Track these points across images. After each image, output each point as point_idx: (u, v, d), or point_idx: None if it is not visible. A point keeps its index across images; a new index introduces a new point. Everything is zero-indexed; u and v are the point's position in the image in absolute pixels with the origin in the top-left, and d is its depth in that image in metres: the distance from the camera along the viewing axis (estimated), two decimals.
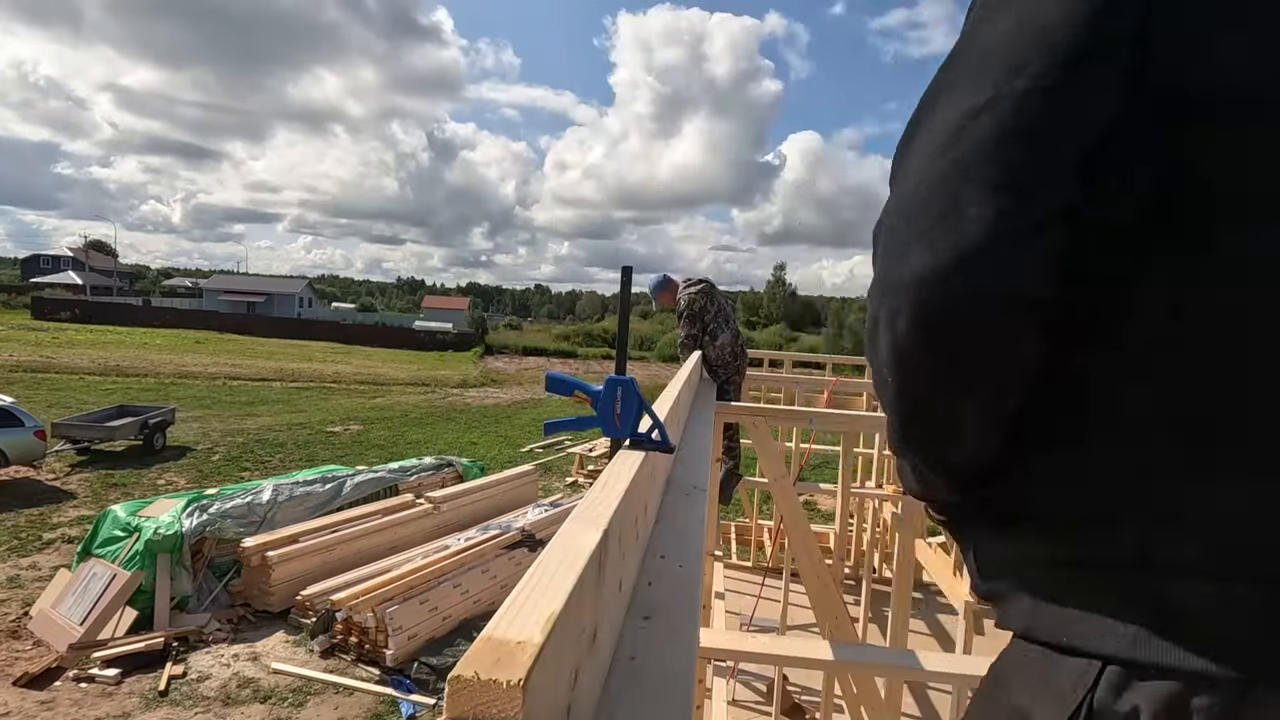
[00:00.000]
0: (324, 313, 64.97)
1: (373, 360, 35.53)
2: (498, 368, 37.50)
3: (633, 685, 0.82)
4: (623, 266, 1.43)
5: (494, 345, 47.48)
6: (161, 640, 6.72)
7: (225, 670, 6.59)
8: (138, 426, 13.72)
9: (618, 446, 1.38)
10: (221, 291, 63.63)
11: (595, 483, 1.03)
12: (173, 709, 6.00)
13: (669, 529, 1.41)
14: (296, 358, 33.35)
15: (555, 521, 9.14)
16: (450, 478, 11.40)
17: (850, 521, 7.91)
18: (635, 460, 1.18)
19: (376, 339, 45.83)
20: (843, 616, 3.29)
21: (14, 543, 9.13)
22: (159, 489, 11.56)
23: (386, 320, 63.15)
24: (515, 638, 0.50)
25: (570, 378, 1.52)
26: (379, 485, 10.18)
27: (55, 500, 10.93)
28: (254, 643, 7.12)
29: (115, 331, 38.00)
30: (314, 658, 6.90)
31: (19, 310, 44.53)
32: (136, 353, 29.70)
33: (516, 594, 0.58)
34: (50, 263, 71.70)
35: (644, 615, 1.01)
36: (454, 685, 0.45)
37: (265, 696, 6.24)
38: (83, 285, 59.33)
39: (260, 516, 8.50)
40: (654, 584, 1.12)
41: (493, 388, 28.98)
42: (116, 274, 69.39)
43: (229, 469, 13.31)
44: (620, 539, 0.90)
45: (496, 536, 8.74)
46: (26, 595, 7.73)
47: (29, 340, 30.81)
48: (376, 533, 8.77)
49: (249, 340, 39.71)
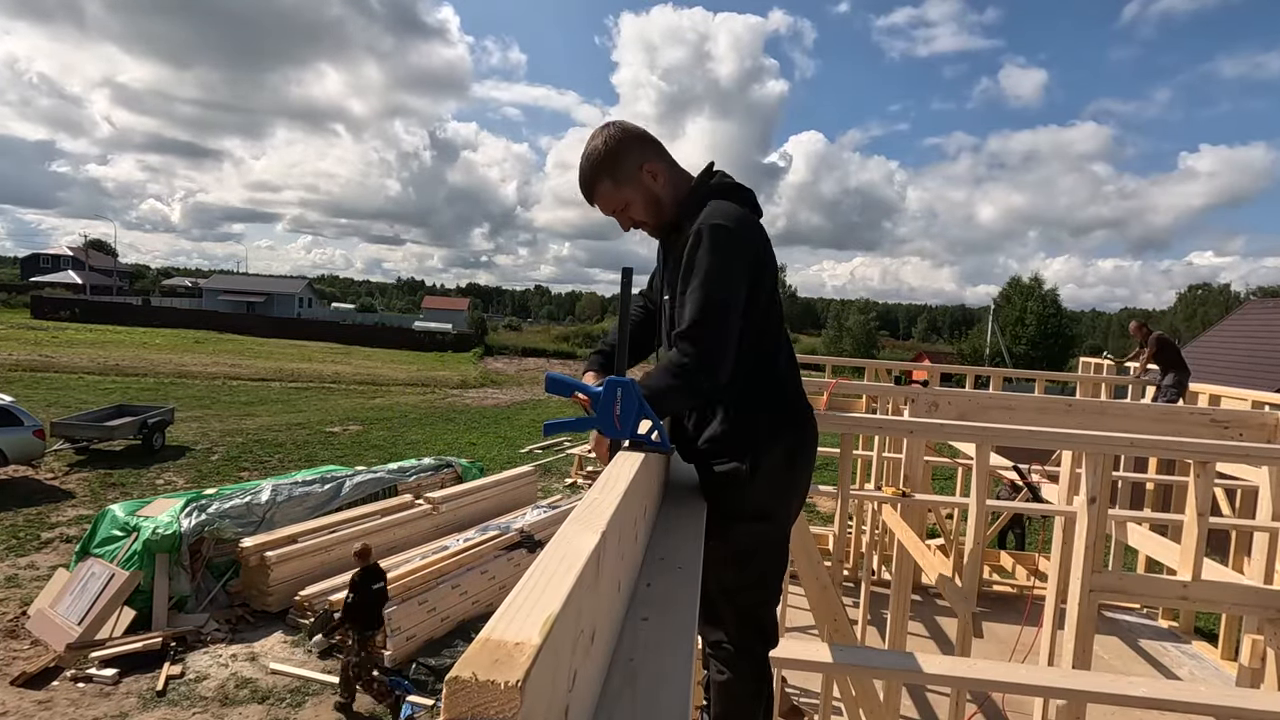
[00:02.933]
0: (324, 313, 64.90)
1: (372, 361, 35.52)
2: (497, 369, 37.51)
3: (631, 686, 0.82)
4: (623, 268, 1.44)
5: (494, 346, 47.46)
6: (159, 640, 6.71)
7: (223, 670, 6.59)
8: (137, 426, 13.71)
9: (617, 447, 1.38)
10: (221, 291, 63.63)
11: (594, 484, 1.03)
12: (170, 709, 5.99)
13: (668, 530, 1.41)
14: (296, 358, 33.34)
15: (554, 523, 9.14)
16: (449, 478, 11.39)
17: (849, 524, 7.91)
18: (634, 461, 1.18)
19: (376, 339, 45.81)
20: (841, 619, 3.29)
21: (12, 542, 9.12)
22: (158, 489, 11.55)
23: (386, 321, 63.13)
24: (513, 639, 0.50)
25: (570, 379, 1.52)
26: (378, 486, 10.17)
27: (54, 499, 10.92)
28: (252, 643, 7.11)
29: (115, 331, 37.99)
30: (312, 658, 6.89)
31: (18, 309, 44.52)
32: (136, 352, 29.69)
33: (515, 595, 0.58)
34: (50, 262, 71.66)
35: (643, 616, 1.01)
36: (452, 686, 0.45)
37: (263, 697, 6.23)
38: (82, 284, 59.32)
39: (259, 517, 8.49)
40: (653, 585, 1.12)
41: (492, 388, 28.98)
42: (116, 273, 69.40)
43: (228, 469, 13.31)
44: (619, 540, 0.90)
45: (495, 538, 8.73)
46: (24, 595, 7.72)
47: (28, 339, 30.80)
48: (375, 533, 8.75)
49: (248, 340, 39.70)
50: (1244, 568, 6.02)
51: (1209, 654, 6.92)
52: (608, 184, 1.66)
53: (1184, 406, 6.86)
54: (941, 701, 5.30)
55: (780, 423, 1.64)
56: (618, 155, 1.64)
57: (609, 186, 1.66)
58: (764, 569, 1.68)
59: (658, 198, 1.67)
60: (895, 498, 4.37)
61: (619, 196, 1.67)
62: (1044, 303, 44.86)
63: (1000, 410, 4.93)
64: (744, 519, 1.61)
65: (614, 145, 1.64)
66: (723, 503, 1.60)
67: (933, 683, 3.90)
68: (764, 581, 1.69)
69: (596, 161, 1.65)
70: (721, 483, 1.61)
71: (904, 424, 4.05)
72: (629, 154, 1.64)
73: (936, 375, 10.60)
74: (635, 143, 1.65)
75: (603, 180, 1.66)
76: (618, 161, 1.64)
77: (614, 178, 1.65)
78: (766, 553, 1.67)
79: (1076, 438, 3.24)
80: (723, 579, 1.64)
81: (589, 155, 1.66)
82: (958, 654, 3.38)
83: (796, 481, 1.69)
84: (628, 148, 1.64)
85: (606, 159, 1.64)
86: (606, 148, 1.64)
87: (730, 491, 1.60)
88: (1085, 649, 3.10)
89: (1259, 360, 14.51)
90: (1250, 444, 4.04)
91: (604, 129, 1.67)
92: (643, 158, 1.64)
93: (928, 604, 7.54)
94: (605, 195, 1.68)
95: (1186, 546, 3.10)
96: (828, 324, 69.76)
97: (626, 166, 1.64)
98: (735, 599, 1.68)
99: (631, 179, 1.64)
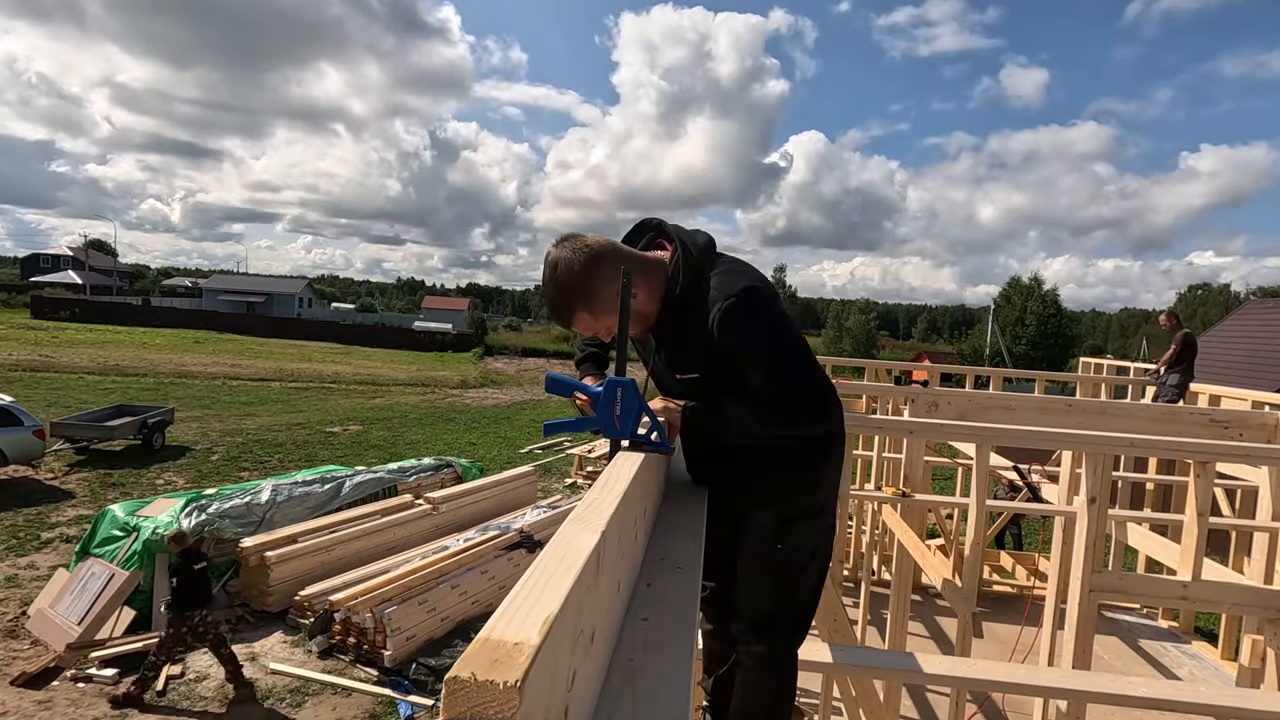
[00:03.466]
0: (324, 313, 64.86)
1: (372, 361, 35.53)
2: (497, 369, 37.51)
3: (631, 686, 0.82)
4: (623, 268, 1.43)
5: (493, 346, 47.47)
6: (160, 639, 6.70)
7: (223, 670, 6.58)
8: (137, 426, 13.71)
9: (617, 448, 1.38)
10: (221, 291, 63.62)
11: (594, 484, 1.03)
12: (171, 708, 6.00)
13: (668, 530, 1.41)
14: (296, 358, 33.34)
15: (554, 523, 9.14)
16: (449, 478, 11.39)
17: (849, 523, 7.91)
18: (634, 462, 1.18)
19: (376, 339, 45.80)
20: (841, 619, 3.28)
21: (12, 542, 9.12)
22: (158, 489, 11.55)
23: (386, 321, 63.12)
24: (513, 639, 0.50)
25: (570, 379, 1.52)
26: (378, 486, 10.17)
27: (54, 499, 10.92)
28: (252, 643, 7.11)
29: (115, 331, 37.99)
30: (312, 658, 6.89)
31: (19, 309, 44.52)
32: (136, 352, 29.69)
33: (514, 595, 0.58)
34: (50, 262, 71.63)
35: (642, 617, 1.01)
36: (451, 686, 0.45)
37: (263, 697, 6.23)
38: (82, 284, 59.30)
39: (259, 517, 8.49)
40: (653, 585, 1.12)
41: (492, 388, 28.98)
42: (116, 273, 69.39)
43: (228, 469, 13.31)
44: (619, 540, 0.90)
45: (495, 538, 8.73)
46: (24, 595, 7.72)
47: (28, 339, 30.80)
48: (375, 533, 8.76)
49: (248, 340, 39.70)
50: (1244, 568, 6.01)
51: (1209, 654, 6.92)
52: (585, 316, 1.55)
53: (1184, 407, 6.87)
54: (941, 702, 5.30)
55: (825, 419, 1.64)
56: (591, 288, 1.50)
57: (588, 319, 1.56)
58: (825, 557, 1.79)
59: (642, 314, 1.58)
60: (895, 498, 4.37)
61: (599, 324, 1.56)
62: (1044, 303, 44.87)
63: (1000, 410, 4.94)
64: (806, 518, 1.69)
65: (584, 278, 1.49)
66: (783, 507, 1.66)
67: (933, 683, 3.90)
68: (824, 569, 1.80)
69: (571, 294, 1.52)
70: (783, 490, 1.66)
71: (904, 424, 4.05)
72: (602, 282, 1.50)
73: (936, 375, 10.61)
74: (605, 266, 1.50)
75: (579, 313, 1.54)
76: (594, 295, 1.51)
77: (591, 310, 1.53)
78: (826, 542, 1.78)
79: (1076, 438, 3.24)
80: (782, 580, 1.70)
81: (560, 286, 1.51)
82: (958, 654, 3.38)
83: (840, 467, 1.81)
84: (600, 275, 1.49)
85: (581, 293, 1.51)
86: (575, 282, 1.50)
87: (793, 497, 1.67)
88: (1085, 649, 3.09)
89: (1259, 360, 14.51)
90: (1250, 444, 4.04)
91: (568, 253, 1.51)
92: (616, 278, 1.47)
93: (928, 604, 7.54)
94: (585, 324, 1.57)
95: (1186, 546, 3.10)
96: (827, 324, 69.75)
97: (603, 296, 1.50)
98: (797, 592, 1.74)
99: (610, 304, 1.49)
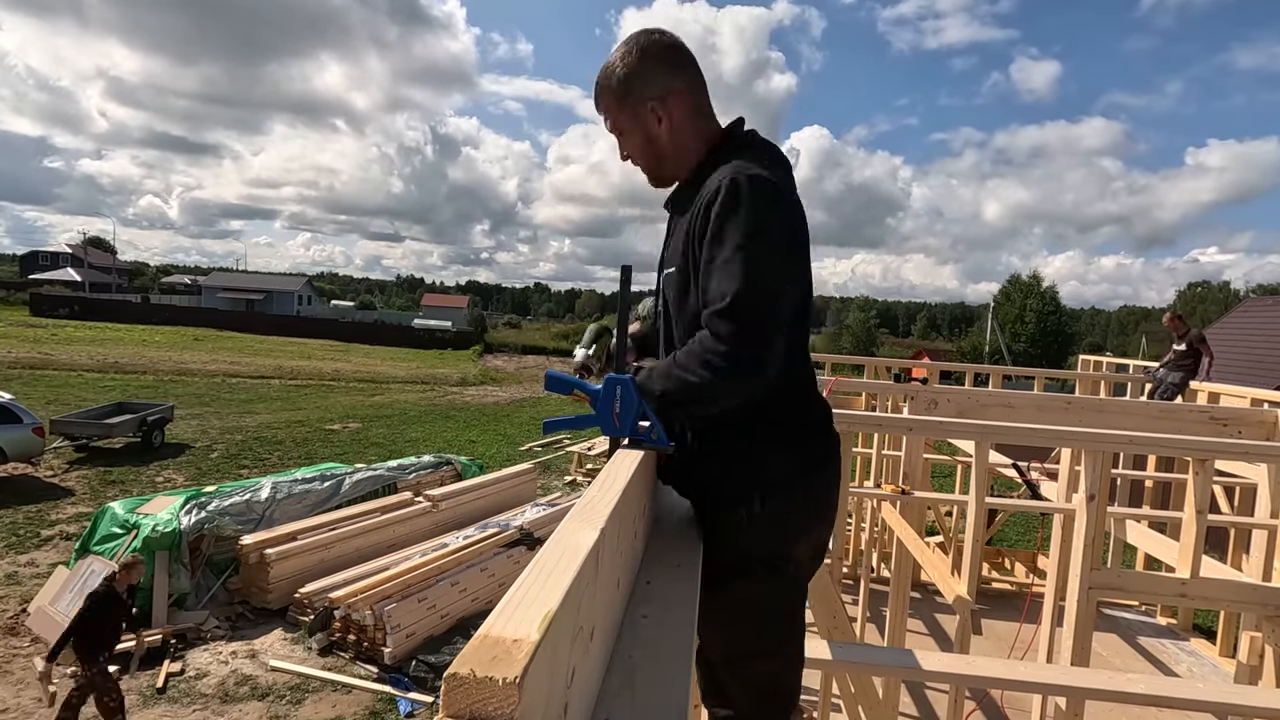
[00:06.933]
0: (323, 310, 64.80)
1: (372, 358, 35.50)
2: (497, 366, 37.48)
3: (630, 683, 0.82)
4: (622, 265, 1.43)
5: (493, 343, 47.41)
6: (159, 637, 6.71)
7: (223, 667, 6.59)
8: (136, 424, 13.70)
9: (616, 445, 1.38)
10: (220, 289, 63.50)
11: (594, 481, 1.03)
12: (170, 706, 6.00)
13: (668, 527, 1.41)
14: (295, 355, 33.31)
15: (554, 520, 9.14)
16: (449, 476, 11.39)
17: (848, 521, 7.92)
18: (634, 459, 1.18)
19: (376, 337, 45.74)
20: (840, 616, 3.29)
21: (12, 539, 9.12)
22: (157, 486, 11.55)
23: (386, 318, 63.02)
24: (512, 635, 0.50)
25: (569, 377, 1.52)
26: (377, 483, 10.17)
27: (53, 497, 10.92)
28: (252, 640, 7.11)
29: (114, 328, 37.91)
30: (312, 655, 6.89)
31: (17, 307, 44.44)
32: (135, 350, 29.65)
33: (514, 592, 0.58)
34: (49, 259, 71.58)
35: (642, 614, 1.01)
36: (450, 683, 0.45)
37: (263, 694, 6.24)
38: (81, 282, 59.24)
39: (259, 514, 8.49)
40: (652, 582, 1.12)
41: (492, 386, 28.96)
42: (115, 271, 69.37)
43: (227, 466, 13.30)
44: (619, 537, 0.90)
45: (495, 535, 8.74)
46: (24, 592, 7.72)
47: (27, 337, 30.76)
48: (375, 531, 8.76)
49: (248, 338, 39.64)
50: (1242, 565, 6.02)
51: (1207, 651, 6.92)
52: (611, 100, 1.40)
53: (1183, 404, 6.87)
54: (940, 699, 5.30)
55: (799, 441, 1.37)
56: (629, 77, 1.35)
57: (613, 104, 1.40)
58: (782, 629, 1.37)
59: (657, 141, 1.39)
60: (894, 495, 4.38)
61: (618, 119, 1.41)
62: (1043, 300, 44.88)
63: (999, 408, 4.94)
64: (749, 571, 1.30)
65: (633, 61, 1.35)
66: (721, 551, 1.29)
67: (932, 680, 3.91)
68: (782, 646, 1.39)
69: (608, 75, 1.38)
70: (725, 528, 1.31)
71: (903, 421, 4.06)
72: (648, 77, 1.34)
73: (936, 373, 10.60)
74: (659, 65, 1.34)
75: (607, 96, 1.40)
76: (628, 83, 1.36)
77: (620, 99, 1.38)
78: (782, 608, 1.36)
79: (1075, 435, 3.24)
80: (732, 645, 1.37)
81: (605, 66, 1.39)
82: (957, 651, 3.38)
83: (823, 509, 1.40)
84: (649, 69, 1.34)
85: (621, 78, 1.36)
86: (624, 62, 1.35)
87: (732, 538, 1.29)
88: (1084, 646, 3.10)
89: (1258, 358, 14.53)
90: (1249, 441, 4.04)
91: (637, 37, 1.38)
92: (661, 87, 1.33)
93: (927, 601, 7.54)
94: (610, 111, 1.41)
95: (1185, 544, 3.10)
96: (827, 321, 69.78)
97: (636, 91, 1.35)
98: (746, 668, 1.39)
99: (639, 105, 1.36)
